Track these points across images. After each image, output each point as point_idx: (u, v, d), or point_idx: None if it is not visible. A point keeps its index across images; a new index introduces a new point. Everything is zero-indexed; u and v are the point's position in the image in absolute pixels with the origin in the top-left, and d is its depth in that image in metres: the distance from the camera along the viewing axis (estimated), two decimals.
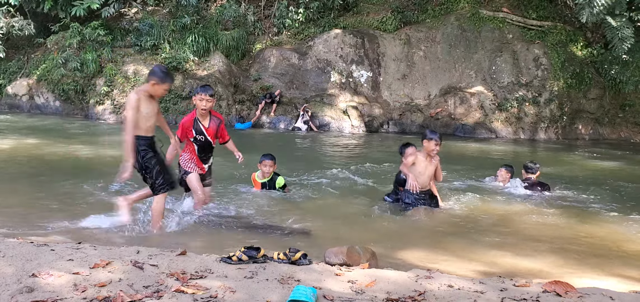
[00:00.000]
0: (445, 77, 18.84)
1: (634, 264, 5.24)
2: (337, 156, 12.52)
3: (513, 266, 4.98)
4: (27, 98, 20.11)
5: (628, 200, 8.43)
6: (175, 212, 6.09)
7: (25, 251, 3.79)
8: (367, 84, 18.98)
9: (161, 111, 6.07)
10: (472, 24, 19.17)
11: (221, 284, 3.34)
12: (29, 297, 3.00)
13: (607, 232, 6.46)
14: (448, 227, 6.48)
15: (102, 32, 19.11)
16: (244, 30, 20.25)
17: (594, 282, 4.23)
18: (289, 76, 19.06)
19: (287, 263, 3.92)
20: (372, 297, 3.33)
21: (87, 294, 3.07)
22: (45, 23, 21.15)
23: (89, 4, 18.96)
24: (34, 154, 10.72)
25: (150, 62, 18.64)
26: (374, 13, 20.48)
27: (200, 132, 6.27)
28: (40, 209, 6.37)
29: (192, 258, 3.88)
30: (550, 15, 19.61)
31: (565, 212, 7.34)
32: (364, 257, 4.20)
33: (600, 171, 11.49)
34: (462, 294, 3.42)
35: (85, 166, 9.77)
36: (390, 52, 19.23)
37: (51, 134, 13.93)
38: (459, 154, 13.41)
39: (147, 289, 3.21)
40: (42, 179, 8.35)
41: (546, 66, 18.16)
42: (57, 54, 19.34)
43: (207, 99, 6.17)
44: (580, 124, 18.31)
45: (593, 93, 18.33)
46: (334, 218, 6.60)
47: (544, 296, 3.45)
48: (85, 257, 3.73)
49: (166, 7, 20.80)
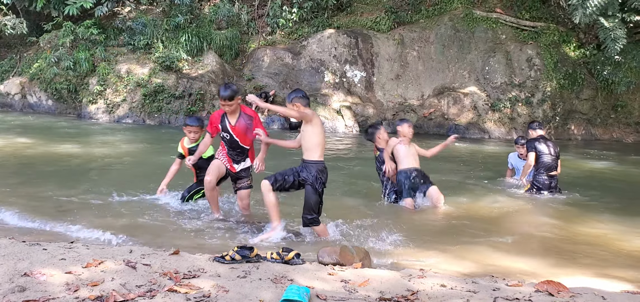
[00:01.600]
0: (439, 78, 18.89)
1: (625, 264, 5.27)
2: (331, 157, 12.51)
3: (505, 265, 4.99)
4: (19, 97, 20.00)
5: (620, 200, 8.48)
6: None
7: (17, 250, 3.78)
8: (360, 84, 18.99)
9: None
10: (465, 25, 19.22)
11: (214, 284, 3.34)
12: (21, 296, 2.98)
13: (599, 232, 6.49)
14: (441, 227, 6.50)
15: (95, 31, 19.03)
16: (237, 30, 20.22)
17: (586, 282, 4.25)
18: (282, 76, 19.04)
19: (280, 263, 3.92)
20: (365, 296, 3.33)
21: (79, 294, 3.06)
22: (37, 22, 21.04)
23: (82, 3, 18.87)
24: (26, 153, 10.66)
25: (144, 61, 18.59)
26: (367, 13, 20.49)
27: (225, 130, 6.06)
28: (33, 208, 6.33)
29: (185, 258, 3.87)
30: (543, 16, 19.69)
31: (558, 213, 7.37)
32: (357, 257, 4.20)
33: (593, 172, 11.55)
34: (455, 294, 3.43)
35: (78, 165, 9.72)
36: (383, 52, 19.25)
37: (43, 133, 13.86)
38: (452, 154, 13.44)
39: (139, 289, 3.20)
40: (34, 178, 8.31)
41: (539, 67, 18.24)
42: (50, 53, 19.23)
43: (222, 103, 5.93)
44: (573, 124, 18.39)
45: (586, 94, 18.42)
46: (327, 218, 6.60)
47: (536, 295, 3.46)
48: (78, 256, 3.72)
49: (159, 6, 20.73)
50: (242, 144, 6.11)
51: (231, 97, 5.87)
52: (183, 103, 17.84)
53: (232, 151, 6.15)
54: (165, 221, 6.03)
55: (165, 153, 11.10)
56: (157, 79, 17.82)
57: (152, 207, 6.62)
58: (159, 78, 17.91)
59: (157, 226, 5.80)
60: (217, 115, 6.18)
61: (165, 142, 12.93)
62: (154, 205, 6.72)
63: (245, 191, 6.25)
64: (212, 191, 6.12)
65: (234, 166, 6.17)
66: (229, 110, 5.97)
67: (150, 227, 5.74)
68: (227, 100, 5.85)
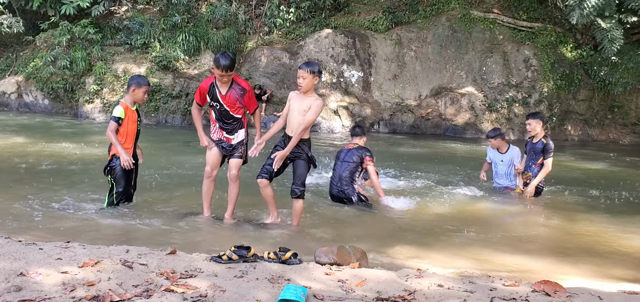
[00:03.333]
0: (436, 78, 18.90)
1: (622, 264, 5.28)
2: (329, 156, 12.50)
3: (502, 265, 5.00)
4: (15, 96, 19.94)
5: (616, 200, 8.51)
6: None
7: (13, 249, 3.76)
8: (358, 84, 18.99)
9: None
10: (462, 25, 19.24)
11: (211, 284, 3.33)
12: (17, 296, 2.97)
13: (596, 232, 6.51)
14: (438, 227, 6.50)
15: (92, 31, 18.99)
16: (234, 30, 20.19)
17: (583, 282, 4.26)
18: (279, 76, 19.03)
19: (278, 262, 3.91)
20: (362, 296, 3.33)
21: (75, 294, 3.04)
22: (34, 21, 20.99)
23: (79, 2, 18.84)
24: (22, 152, 10.63)
25: (141, 60, 18.57)
26: (365, 13, 20.49)
27: (215, 99, 5.81)
28: (29, 207, 6.31)
29: (182, 257, 3.86)
30: (540, 16, 19.72)
31: (555, 213, 7.39)
32: (354, 257, 4.20)
33: (589, 172, 11.57)
34: (452, 294, 3.43)
35: (74, 164, 9.70)
36: (381, 53, 19.26)
37: (39, 133, 13.83)
38: (449, 154, 13.47)
39: (136, 288, 3.19)
40: (30, 177, 8.28)
41: (536, 67, 18.27)
42: (46, 52, 19.19)
43: (221, 73, 5.64)
44: (570, 125, 18.42)
45: (582, 94, 18.45)
46: (325, 217, 6.60)
47: (533, 295, 3.46)
48: (74, 256, 3.70)
49: (156, 6, 20.70)
50: (234, 114, 5.87)
51: (232, 67, 5.66)
52: (180, 103, 17.82)
53: (223, 123, 5.91)
54: (162, 220, 6.01)
55: (162, 153, 11.10)
56: (154, 79, 17.80)
57: (148, 207, 6.60)
58: (156, 78, 17.89)
59: (153, 225, 5.79)
60: (206, 84, 5.90)
61: (162, 142, 12.92)
62: (150, 205, 6.71)
63: (235, 160, 5.96)
64: (208, 182, 6.06)
65: (229, 137, 5.95)
66: (225, 80, 5.75)
67: (147, 227, 5.73)
68: (229, 69, 5.63)
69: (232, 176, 5.95)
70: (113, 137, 5.96)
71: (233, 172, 5.94)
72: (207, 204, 6.16)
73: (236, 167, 5.96)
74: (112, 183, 6.15)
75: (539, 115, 8.43)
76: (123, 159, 5.95)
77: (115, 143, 5.97)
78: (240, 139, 5.98)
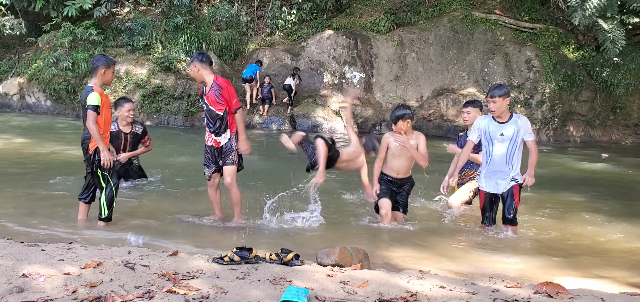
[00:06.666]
0: (438, 79, 18.89)
1: (624, 266, 5.26)
2: None
3: (505, 267, 4.99)
4: (18, 97, 19.97)
5: (619, 202, 8.48)
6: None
7: (15, 250, 3.76)
8: (359, 85, 18.99)
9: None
10: (464, 26, 19.23)
11: (213, 285, 3.33)
12: (19, 297, 2.97)
13: (598, 233, 6.49)
14: (440, 228, 6.49)
15: (94, 32, 19.03)
16: (236, 31, 20.21)
17: (585, 284, 4.24)
18: (281, 77, 19.03)
19: (279, 264, 3.91)
20: (364, 298, 3.33)
21: (77, 295, 3.05)
22: (36, 22, 21.03)
23: (81, 3, 18.87)
24: (24, 153, 10.64)
25: (142, 62, 18.59)
26: (366, 14, 20.51)
27: (202, 98, 5.90)
28: (31, 208, 6.32)
29: (184, 259, 3.86)
30: (542, 17, 19.71)
31: (557, 214, 7.37)
32: (356, 258, 4.19)
33: (591, 173, 11.55)
34: (454, 296, 3.43)
35: (76, 165, 9.69)
36: (383, 54, 19.26)
37: (42, 134, 13.84)
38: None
39: (138, 290, 3.19)
40: (33, 179, 8.29)
41: (538, 68, 18.25)
42: (49, 54, 19.23)
43: (190, 68, 5.86)
44: (572, 126, 18.40)
45: (584, 95, 18.43)
46: (326, 219, 6.59)
47: (535, 297, 3.46)
48: (76, 257, 3.71)
49: (158, 7, 20.73)
50: (217, 111, 5.76)
51: (202, 60, 5.78)
52: (182, 104, 17.83)
53: (210, 123, 5.86)
54: (164, 221, 6.01)
55: (164, 154, 11.10)
56: (156, 80, 17.81)
57: (150, 208, 6.61)
58: (158, 79, 17.91)
59: (155, 226, 5.79)
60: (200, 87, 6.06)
61: (164, 143, 12.91)
62: (152, 206, 6.71)
63: (228, 168, 5.90)
64: (211, 190, 6.08)
65: (216, 140, 5.88)
66: (194, 75, 5.88)
67: (149, 228, 5.73)
68: (201, 62, 5.78)
69: (227, 184, 5.94)
70: (95, 130, 5.36)
71: (227, 180, 5.93)
72: (218, 207, 6.18)
73: (229, 174, 5.91)
74: (106, 178, 5.63)
75: (478, 103, 7.48)
76: (104, 157, 5.46)
77: (97, 138, 5.39)
78: (227, 141, 5.89)
